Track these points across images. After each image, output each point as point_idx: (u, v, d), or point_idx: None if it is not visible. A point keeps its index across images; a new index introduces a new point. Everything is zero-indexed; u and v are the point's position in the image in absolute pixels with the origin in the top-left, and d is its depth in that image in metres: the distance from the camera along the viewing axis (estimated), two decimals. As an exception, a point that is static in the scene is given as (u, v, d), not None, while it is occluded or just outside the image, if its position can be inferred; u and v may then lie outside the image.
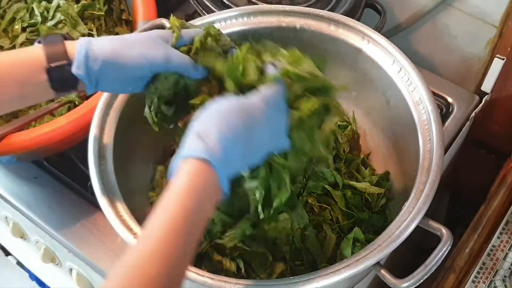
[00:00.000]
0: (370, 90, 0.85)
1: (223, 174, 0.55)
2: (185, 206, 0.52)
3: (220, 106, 0.58)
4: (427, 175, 0.68)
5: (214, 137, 0.55)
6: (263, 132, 0.59)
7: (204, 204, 0.54)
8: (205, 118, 0.57)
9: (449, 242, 0.64)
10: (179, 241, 0.50)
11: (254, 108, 0.59)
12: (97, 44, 0.62)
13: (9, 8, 1.02)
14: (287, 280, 0.63)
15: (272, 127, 0.60)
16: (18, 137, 0.82)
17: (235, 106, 0.58)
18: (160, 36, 0.66)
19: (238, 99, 0.59)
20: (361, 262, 0.62)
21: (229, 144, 0.55)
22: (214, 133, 0.55)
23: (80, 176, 0.92)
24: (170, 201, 0.52)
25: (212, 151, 0.54)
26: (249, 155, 0.59)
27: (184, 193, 0.52)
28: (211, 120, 0.57)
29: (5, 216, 1.07)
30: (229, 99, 0.59)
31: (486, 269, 0.85)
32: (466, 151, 1.10)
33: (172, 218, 0.51)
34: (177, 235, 0.50)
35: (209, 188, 0.54)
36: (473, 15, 1.02)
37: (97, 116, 0.76)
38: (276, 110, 0.61)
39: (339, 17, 0.83)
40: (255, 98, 0.60)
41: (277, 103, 0.61)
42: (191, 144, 0.55)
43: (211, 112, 0.58)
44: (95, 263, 0.88)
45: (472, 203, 0.96)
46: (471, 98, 1.05)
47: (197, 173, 0.53)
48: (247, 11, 0.85)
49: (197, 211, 0.53)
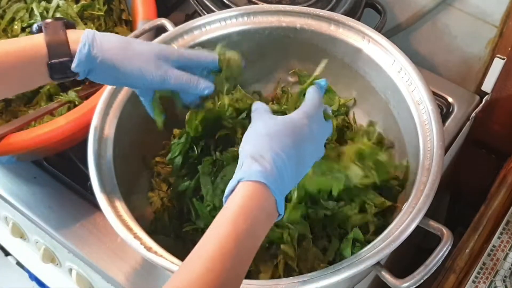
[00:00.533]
0: (370, 90, 0.85)
1: (279, 195, 0.55)
2: (237, 230, 0.51)
3: (267, 126, 0.59)
4: (427, 175, 0.68)
5: (269, 158, 0.55)
6: (309, 146, 0.60)
7: (257, 228, 0.53)
8: (256, 139, 0.58)
9: (449, 242, 0.64)
10: (227, 264, 0.49)
11: (299, 124, 0.60)
12: (100, 44, 0.62)
13: (8, 8, 1.02)
14: (287, 280, 0.62)
15: (316, 140, 0.62)
16: (18, 137, 0.82)
17: (282, 125, 0.59)
18: (163, 54, 0.66)
19: (283, 118, 0.60)
20: (361, 262, 0.62)
21: (283, 164, 0.55)
22: (268, 155, 0.55)
23: (80, 176, 0.92)
24: (222, 224, 0.52)
25: (269, 173, 0.54)
26: (300, 171, 0.59)
27: (237, 216, 0.52)
28: (263, 141, 0.57)
29: (4, 216, 1.07)
30: (274, 119, 0.60)
31: (486, 269, 0.84)
32: (466, 151, 1.10)
33: (223, 241, 0.50)
34: (226, 259, 0.49)
35: (262, 212, 0.53)
36: (474, 15, 1.02)
37: (97, 116, 0.76)
38: (317, 123, 0.62)
39: (339, 17, 0.83)
40: (298, 115, 0.61)
41: (318, 116, 0.63)
42: (247, 167, 0.55)
43: (261, 132, 0.58)
44: (95, 263, 0.87)
45: (473, 203, 0.96)
46: (472, 98, 1.05)
47: (253, 196, 0.53)
48: (247, 11, 0.85)
49: (249, 235, 0.52)
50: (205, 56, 0.71)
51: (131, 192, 0.76)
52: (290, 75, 0.93)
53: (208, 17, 0.85)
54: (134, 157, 0.83)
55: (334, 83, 0.90)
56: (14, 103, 0.95)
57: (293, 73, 0.92)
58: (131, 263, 0.86)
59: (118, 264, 0.86)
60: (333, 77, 0.90)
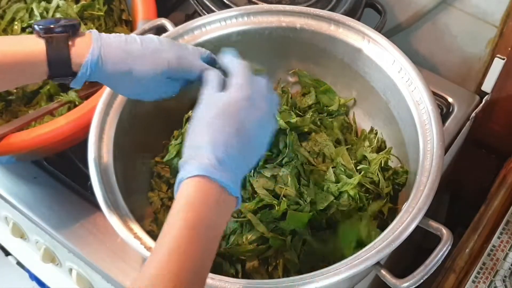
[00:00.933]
0: (370, 90, 0.85)
1: (228, 181, 0.54)
2: (187, 222, 0.51)
3: (207, 108, 0.57)
4: (427, 175, 0.68)
5: (206, 150, 0.54)
6: (255, 123, 0.57)
7: (209, 217, 0.52)
8: (195, 126, 0.57)
9: (449, 242, 0.64)
10: (186, 258, 0.49)
11: (236, 102, 0.57)
12: (109, 54, 0.60)
13: (8, 8, 1.02)
14: (287, 280, 0.62)
15: (261, 114, 0.59)
16: (18, 137, 0.82)
17: (218, 109, 0.56)
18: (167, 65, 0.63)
19: (220, 97, 0.58)
20: (361, 262, 0.62)
21: (225, 152, 0.54)
22: (204, 146, 0.54)
23: (80, 176, 0.92)
24: (171, 222, 0.51)
25: (208, 165, 0.53)
26: (252, 149, 0.58)
27: (184, 210, 0.51)
28: (201, 129, 0.56)
29: (5, 216, 1.07)
30: (214, 98, 0.58)
31: (486, 269, 0.84)
32: (466, 151, 1.10)
33: (177, 237, 0.50)
34: (182, 253, 0.49)
35: (210, 200, 0.53)
36: (474, 15, 1.02)
37: (97, 116, 0.76)
38: (259, 95, 0.59)
39: (339, 17, 0.83)
40: (235, 91, 0.58)
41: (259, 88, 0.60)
42: (185, 165, 0.54)
43: (199, 117, 0.57)
44: (95, 263, 0.87)
45: (472, 203, 0.96)
46: (472, 98, 1.05)
47: (196, 189, 0.52)
48: (247, 11, 0.85)
49: (202, 225, 0.51)
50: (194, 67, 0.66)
51: (131, 192, 0.76)
52: (290, 75, 0.93)
53: (208, 17, 0.85)
54: (134, 157, 0.83)
55: (334, 83, 0.90)
56: (14, 103, 0.95)
57: (293, 73, 0.92)
58: (131, 263, 0.86)
59: (118, 264, 0.86)
60: (333, 77, 0.90)
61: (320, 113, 0.89)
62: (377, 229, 0.74)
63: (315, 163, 0.80)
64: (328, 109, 0.90)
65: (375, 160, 0.80)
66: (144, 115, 0.83)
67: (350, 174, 0.78)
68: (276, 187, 0.75)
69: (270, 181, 0.76)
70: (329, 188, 0.77)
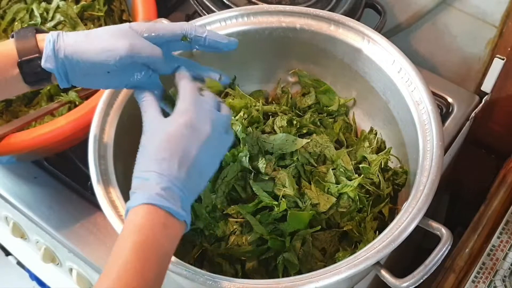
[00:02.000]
0: (370, 90, 0.85)
1: (174, 206, 0.56)
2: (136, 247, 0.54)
3: (148, 142, 0.60)
4: (426, 175, 0.68)
5: (151, 179, 0.57)
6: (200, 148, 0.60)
7: (156, 238, 0.55)
8: (139, 160, 0.60)
9: (449, 242, 0.64)
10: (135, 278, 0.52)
11: (178, 129, 0.59)
12: (63, 39, 0.62)
13: (9, 8, 1.02)
14: (287, 280, 0.63)
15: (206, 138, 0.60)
16: (18, 137, 0.82)
17: (161, 138, 0.59)
18: (132, 27, 0.64)
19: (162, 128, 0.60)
20: (361, 262, 0.62)
21: (168, 180, 0.57)
22: (149, 176, 0.57)
23: (80, 176, 0.92)
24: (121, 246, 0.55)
25: (152, 194, 0.56)
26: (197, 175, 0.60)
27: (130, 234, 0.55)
28: (145, 156, 0.59)
29: (5, 216, 1.07)
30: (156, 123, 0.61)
31: (486, 269, 0.85)
32: (466, 151, 1.10)
33: (127, 259, 0.53)
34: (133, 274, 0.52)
35: (157, 225, 0.55)
36: (473, 15, 1.02)
37: (97, 116, 0.76)
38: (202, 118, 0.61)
39: (339, 17, 0.83)
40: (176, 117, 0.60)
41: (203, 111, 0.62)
42: (133, 194, 0.57)
43: (143, 151, 0.60)
44: (95, 263, 0.88)
45: (472, 203, 0.97)
46: (471, 98, 1.05)
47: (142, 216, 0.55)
48: (247, 11, 0.85)
49: (149, 246, 0.54)
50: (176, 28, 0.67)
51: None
52: (290, 75, 0.93)
53: (208, 18, 0.85)
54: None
55: (334, 83, 0.90)
56: (14, 104, 0.95)
57: (293, 73, 0.92)
58: (131, 263, 0.86)
59: (118, 264, 0.86)
60: (333, 77, 0.90)
61: (320, 113, 0.89)
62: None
63: (316, 165, 0.80)
64: (328, 109, 0.90)
65: (375, 161, 0.80)
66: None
67: (349, 176, 0.78)
68: (275, 189, 0.76)
69: (269, 182, 0.76)
70: (329, 189, 0.77)
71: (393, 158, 0.83)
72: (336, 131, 0.86)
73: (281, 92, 0.92)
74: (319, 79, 0.91)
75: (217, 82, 0.72)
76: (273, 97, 0.94)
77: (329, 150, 0.81)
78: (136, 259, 0.53)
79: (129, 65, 0.63)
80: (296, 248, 0.74)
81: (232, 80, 0.92)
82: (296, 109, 0.90)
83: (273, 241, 0.73)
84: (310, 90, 0.91)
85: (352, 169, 0.79)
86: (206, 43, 0.68)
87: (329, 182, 0.77)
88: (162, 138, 0.59)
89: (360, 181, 0.76)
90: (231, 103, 0.85)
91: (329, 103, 0.90)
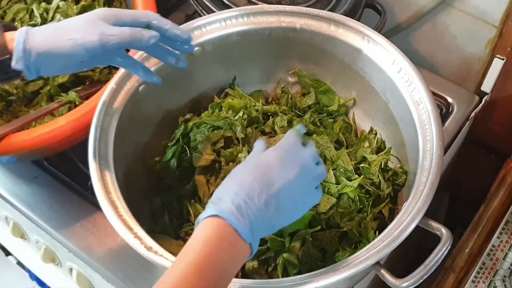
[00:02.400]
0: (370, 90, 0.85)
1: (242, 226, 0.55)
2: (196, 257, 0.53)
3: (238, 168, 0.60)
4: (426, 175, 0.68)
5: (228, 196, 0.56)
6: (286, 184, 0.59)
7: (219, 255, 0.54)
8: (226, 180, 0.60)
9: (449, 242, 0.64)
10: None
11: (269, 160, 0.60)
12: (33, 36, 0.63)
13: (9, 9, 1.02)
14: (287, 280, 0.63)
15: (293, 178, 0.60)
16: (18, 137, 0.82)
17: (251, 165, 0.60)
18: (99, 16, 0.65)
19: (256, 158, 0.61)
20: (361, 262, 0.62)
21: (244, 199, 0.56)
22: (228, 193, 0.57)
23: (80, 176, 0.92)
24: (182, 254, 0.54)
25: (225, 208, 0.55)
26: (276, 209, 0.59)
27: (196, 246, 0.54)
28: (230, 180, 0.59)
29: (5, 216, 1.07)
30: (247, 161, 0.61)
31: (486, 269, 0.85)
32: (466, 151, 1.10)
33: (186, 270, 0.52)
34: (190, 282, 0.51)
35: (226, 242, 0.55)
36: (473, 15, 1.02)
37: (97, 116, 0.76)
38: (293, 159, 0.61)
39: (339, 17, 0.83)
40: (270, 151, 0.61)
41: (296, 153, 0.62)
42: (208, 207, 0.57)
43: (232, 174, 0.60)
44: (95, 263, 0.88)
45: (472, 203, 0.97)
46: (471, 98, 1.05)
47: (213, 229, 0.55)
48: (247, 11, 0.85)
49: (211, 262, 0.53)
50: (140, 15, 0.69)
51: (131, 192, 0.76)
52: (290, 75, 0.93)
53: (208, 18, 0.85)
54: (134, 157, 0.83)
55: (334, 83, 0.90)
56: (14, 103, 0.95)
57: (293, 73, 0.92)
58: (131, 263, 0.86)
59: (118, 264, 0.86)
60: (333, 77, 0.90)
61: (320, 114, 0.89)
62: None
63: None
64: (328, 109, 0.90)
65: (375, 161, 0.80)
66: (144, 115, 0.83)
67: (349, 176, 0.78)
68: None
69: None
70: (329, 190, 0.77)
71: (393, 158, 0.83)
72: (336, 131, 0.86)
73: (281, 92, 0.92)
74: (319, 79, 0.91)
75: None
76: (273, 97, 0.94)
77: (329, 150, 0.82)
78: (194, 276, 0.52)
79: (101, 53, 0.65)
80: (296, 248, 0.74)
81: (232, 80, 0.92)
82: (296, 109, 0.90)
83: (272, 242, 0.73)
84: (310, 90, 0.91)
85: (352, 170, 0.79)
86: (167, 34, 0.70)
87: (329, 183, 0.78)
88: (253, 165, 0.60)
89: (360, 182, 0.76)
90: (231, 103, 0.85)
91: (329, 103, 0.90)
